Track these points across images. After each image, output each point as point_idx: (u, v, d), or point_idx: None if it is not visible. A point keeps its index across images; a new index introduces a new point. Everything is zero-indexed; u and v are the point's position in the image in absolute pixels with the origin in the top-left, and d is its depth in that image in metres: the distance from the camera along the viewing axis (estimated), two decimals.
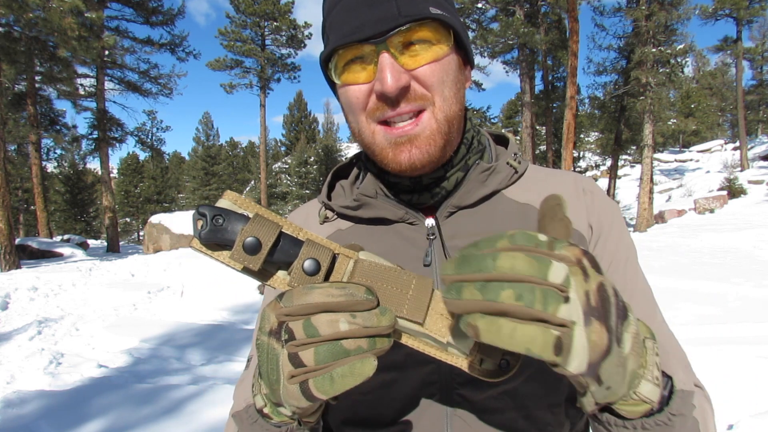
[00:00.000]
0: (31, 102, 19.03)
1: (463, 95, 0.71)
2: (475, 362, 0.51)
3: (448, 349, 0.52)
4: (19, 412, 3.58)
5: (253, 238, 0.49)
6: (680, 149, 44.26)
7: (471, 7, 22.83)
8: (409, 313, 0.50)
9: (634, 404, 0.49)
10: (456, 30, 0.66)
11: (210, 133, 52.72)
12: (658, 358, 0.50)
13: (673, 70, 21.08)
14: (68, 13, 13.17)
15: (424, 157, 0.67)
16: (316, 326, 0.45)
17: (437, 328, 0.51)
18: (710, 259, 9.45)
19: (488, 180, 0.74)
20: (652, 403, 0.49)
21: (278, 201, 42.44)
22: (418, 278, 0.52)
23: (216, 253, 0.51)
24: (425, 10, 0.63)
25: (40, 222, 20.91)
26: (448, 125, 0.67)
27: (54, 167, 39.22)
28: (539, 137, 27.80)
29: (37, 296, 8.14)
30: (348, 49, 0.66)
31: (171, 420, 3.43)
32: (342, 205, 0.78)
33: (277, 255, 0.51)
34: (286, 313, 0.47)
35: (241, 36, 29.73)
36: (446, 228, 0.73)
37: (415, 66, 0.64)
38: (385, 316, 0.47)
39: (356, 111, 0.69)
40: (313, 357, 0.45)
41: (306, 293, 0.46)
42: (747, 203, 21.52)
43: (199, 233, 0.50)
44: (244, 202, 0.53)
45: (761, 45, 35.34)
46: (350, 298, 0.46)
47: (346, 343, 0.45)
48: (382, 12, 0.63)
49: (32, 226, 34.78)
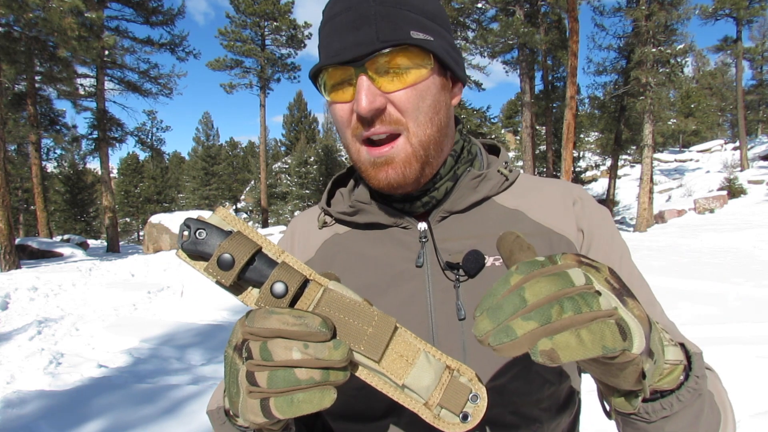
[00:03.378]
0: (31, 102, 19.03)
1: (445, 115, 0.73)
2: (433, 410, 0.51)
3: (404, 391, 0.52)
4: (19, 412, 3.58)
5: (228, 255, 0.51)
6: (680, 149, 44.26)
7: (471, 7, 22.81)
8: (367, 349, 0.50)
9: (669, 372, 0.51)
10: (438, 54, 0.68)
11: (210, 133, 52.71)
12: (663, 330, 0.53)
13: (673, 70, 21.07)
14: (68, 13, 13.17)
15: (400, 178, 0.70)
16: (270, 351, 0.47)
17: (394, 369, 0.51)
18: (710, 259, 9.45)
19: (479, 186, 0.77)
20: (683, 362, 0.52)
21: (278, 201, 42.45)
22: (380, 316, 0.51)
23: (196, 263, 0.54)
24: (405, 36, 0.66)
25: (40, 222, 20.92)
26: (423, 150, 0.70)
27: (54, 167, 39.25)
28: (539, 137, 27.80)
29: (37, 296, 8.14)
30: (332, 69, 0.69)
31: (171, 420, 3.43)
32: (339, 211, 0.82)
33: (249, 273, 0.52)
34: (248, 332, 0.48)
35: (241, 36, 29.73)
36: (438, 231, 0.76)
37: (392, 90, 0.67)
38: (338, 350, 0.47)
39: (343, 128, 0.72)
40: (266, 380, 0.47)
41: (265, 317, 0.47)
42: (747, 203, 21.53)
43: (182, 244, 0.53)
44: (233, 220, 0.55)
45: (761, 45, 35.33)
46: (304, 329, 0.46)
47: (298, 372, 0.46)
48: (362, 36, 0.65)
49: (32, 226, 34.77)
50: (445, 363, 0.54)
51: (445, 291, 0.72)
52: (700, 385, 0.54)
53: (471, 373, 0.54)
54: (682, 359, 0.52)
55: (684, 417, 0.55)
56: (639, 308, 0.44)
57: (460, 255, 0.73)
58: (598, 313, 0.41)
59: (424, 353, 0.53)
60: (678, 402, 0.53)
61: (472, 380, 0.53)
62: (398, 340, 0.52)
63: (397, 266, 0.76)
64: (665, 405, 0.53)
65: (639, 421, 0.56)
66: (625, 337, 0.41)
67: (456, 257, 0.73)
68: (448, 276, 0.73)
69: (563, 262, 0.44)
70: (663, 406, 0.53)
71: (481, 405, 0.52)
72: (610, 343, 0.40)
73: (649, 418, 0.54)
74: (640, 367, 0.45)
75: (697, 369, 0.54)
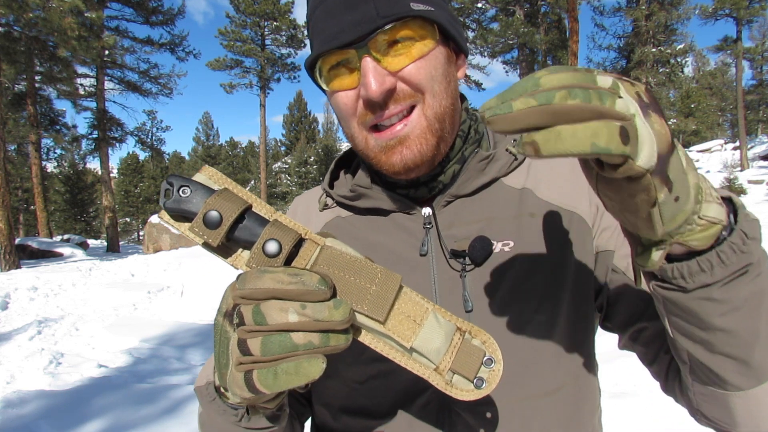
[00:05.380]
0: (31, 102, 19.02)
1: (455, 87, 0.70)
2: (444, 375, 0.47)
3: (412, 355, 0.47)
4: (19, 412, 3.58)
5: (215, 212, 0.46)
6: None
7: (471, 7, 22.83)
8: (370, 309, 0.46)
9: (703, 229, 0.42)
10: (441, 24, 0.65)
11: (210, 132, 52.75)
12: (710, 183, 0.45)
13: (673, 70, 21.10)
14: (68, 13, 13.18)
15: (416, 157, 0.65)
16: (264, 314, 0.43)
17: (401, 331, 0.46)
18: None
19: (487, 168, 0.73)
20: (721, 222, 0.43)
21: (278, 201, 42.46)
22: (384, 272, 0.47)
23: (180, 224, 0.49)
24: (405, 8, 0.62)
25: (40, 222, 20.91)
26: (439, 123, 0.66)
27: (54, 167, 39.31)
28: None
29: (37, 296, 8.14)
30: (331, 55, 0.64)
31: (171, 420, 3.43)
32: (341, 194, 0.78)
33: (238, 232, 0.48)
34: (240, 296, 0.44)
35: (241, 36, 29.73)
36: (443, 216, 0.72)
37: (400, 67, 0.63)
38: (339, 309, 0.43)
39: (347, 117, 0.68)
40: (260, 347, 0.43)
41: (258, 277, 0.43)
42: (747, 203, 21.50)
43: (164, 202, 0.48)
44: (220, 178, 0.51)
45: (761, 45, 35.34)
46: (300, 287, 0.43)
47: (295, 336, 0.42)
48: (360, 14, 0.61)
49: (32, 226, 34.79)
50: (456, 324, 0.50)
51: (451, 281, 0.68)
52: (750, 247, 0.44)
53: (484, 335, 0.50)
54: (722, 219, 0.43)
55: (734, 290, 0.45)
56: (662, 125, 0.38)
57: (466, 241, 0.68)
58: (604, 109, 0.35)
59: (432, 313, 0.48)
60: (719, 263, 0.43)
61: (486, 342, 0.49)
62: (404, 299, 0.48)
63: (400, 254, 0.71)
64: (703, 265, 0.44)
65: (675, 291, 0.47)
66: (627, 141, 0.35)
67: (462, 244, 0.69)
68: (453, 265, 0.69)
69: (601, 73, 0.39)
70: (700, 265, 0.44)
71: (497, 369, 0.48)
72: (603, 141, 0.35)
73: (686, 285, 0.45)
74: (653, 195, 0.39)
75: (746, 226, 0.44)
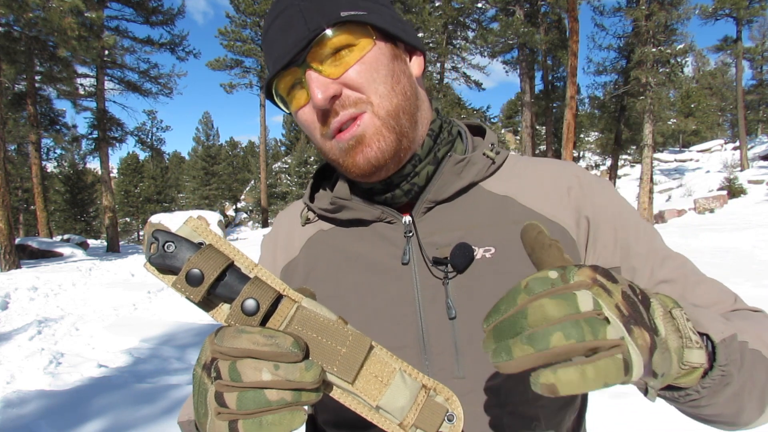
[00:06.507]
0: (31, 102, 19.01)
1: (408, 84, 0.70)
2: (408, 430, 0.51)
3: (379, 412, 0.51)
4: (19, 412, 3.58)
5: (197, 270, 0.48)
6: (680, 149, 44.24)
7: (471, 7, 22.82)
8: (340, 371, 0.49)
9: (688, 374, 0.49)
10: (377, 25, 0.66)
11: (210, 132, 52.71)
12: (689, 322, 0.49)
13: (673, 70, 21.07)
14: (68, 13, 13.16)
15: (377, 154, 0.67)
16: (239, 371, 0.45)
17: (368, 390, 0.50)
18: (710, 259, 9.45)
19: (463, 172, 0.73)
20: (703, 366, 0.49)
21: (278, 201, 42.44)
22: (355, 335, 0.50)
23: (165, 277, 0.51)
24: (334, 16, 0.64)
25: (40, 222, 20.91)
26: (393, 119, 0.67)
27: (54, 167, 39.28)
28: (539, 137, 27.82)
29: (37, 296, 8.14)
30: (282, 78, 0.68)
31: (171, 420, 3.43)
32: (321, 208, 0.78)
33: (219, 289, 0.50)
34: (218, 351, 0.47)
35: (241, 36, 29.73)
36: (424, 224, 0.73)
37: (340, 73, 0.65)
38: (310, 371, 0.46)
39: (311, 132, 0.71)
40: (236, 402, 0.45)
41: (235, 336, 0.46)
42: (747, 203, 21.53)
43: (150, 257, 0.50)
44: (204, 231, 0.53)
45: (761, 45, 35.34)
46: (275, 349, 0.45)
47: (269, 393, 0.45)
48: (293, 34, 0.65)
49: (32, 226, 34.76)
50: (422, 382, 0.53)
51: (433, 289, 0.69)
52: (729, 371, 0.52)
53: (447, 392, 0.53)
54: (703, 362, 0.49)
55: (719, 396, 0.53)
56: (643, 337, 0.43)
57: (448, 248, 0.70)
58: (603, 342, 0.39)
59: (399, 373, 0.52)
60: (703, 389, 0.52)
61: (448, 399, 0.53)
62: (373, 360, 0.51)
63: (383, 264, 0.72)
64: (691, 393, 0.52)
65: (671, 402, 0.56)
66: (629, 372, 0.40)
67: (444, 251, 0.70)
68: (435, 273, 0.70)
69: (576, 280, 0.43)
70: (689, 394, 0.53)
71: (457, 425, 0.52)
72: (613, 379, 0.39)
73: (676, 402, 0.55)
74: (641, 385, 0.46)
75: (722, 358, 0.52)
